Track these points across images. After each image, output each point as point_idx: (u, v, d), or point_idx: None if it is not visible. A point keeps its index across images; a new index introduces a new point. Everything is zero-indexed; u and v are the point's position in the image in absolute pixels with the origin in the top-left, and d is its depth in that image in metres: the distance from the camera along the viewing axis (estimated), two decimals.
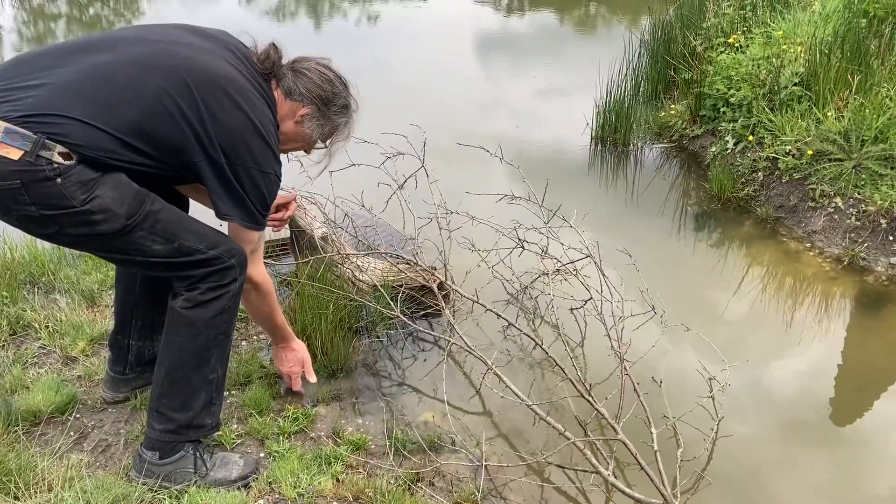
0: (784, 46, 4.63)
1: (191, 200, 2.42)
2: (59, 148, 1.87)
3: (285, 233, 3.39)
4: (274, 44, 2.19)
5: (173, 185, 2.30)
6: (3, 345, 2.85)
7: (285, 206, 2.65)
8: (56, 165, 1.86)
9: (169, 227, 2.03)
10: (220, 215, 2.09)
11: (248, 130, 2.02)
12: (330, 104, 2.21)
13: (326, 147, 2.32)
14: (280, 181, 2.15)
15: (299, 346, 2.63)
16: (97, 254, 2.27)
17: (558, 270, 3.28)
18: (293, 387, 2.68)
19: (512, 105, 5.84)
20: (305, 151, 2.36)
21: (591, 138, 5.05)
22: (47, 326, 2.94)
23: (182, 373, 2.16)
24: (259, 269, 2.26)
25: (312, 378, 2.68)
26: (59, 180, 1.87)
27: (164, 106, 1.94)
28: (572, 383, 2.56)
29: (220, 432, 2.44)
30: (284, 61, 2.21)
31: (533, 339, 2.78)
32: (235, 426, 2.53)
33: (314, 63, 2.24)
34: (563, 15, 8.85)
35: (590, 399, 2.46)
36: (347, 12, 9.03)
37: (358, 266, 3.15)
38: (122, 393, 2.58)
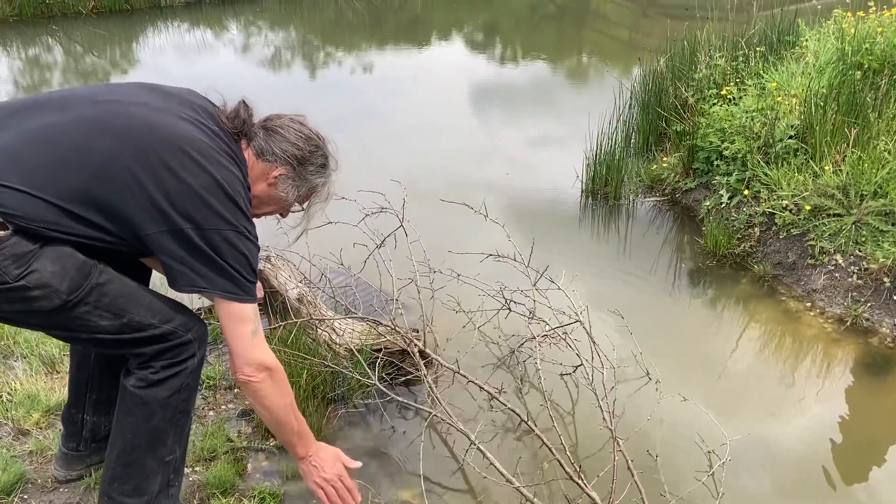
0: (778, 99, 4.54)
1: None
2: None
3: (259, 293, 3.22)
4: (244, 101, 2.04)
5: (133, 259, 2.10)
6: None
7: None
8: None
9: (117, 301, 1.86)
10: (193, 289, 1.87)
11: (214, 190, 1.84)
12: (306, 164, 2.05)
13: (304, 209, 2.16)
14: (258, 243, 1.96)
15: (324, 445, 2.17)
16: (40, 330, 2.09)
17: (546, 335, 3.11)
18: (353, 493, 2.15)
19: (502, 156, 5.73)
20: (281, 215, 2.19)
21: (582, 191, 4.93)
22: (0, 396, 2.75)
23: (135, 456, 1.98)
24: (267, 354, 1.95)
25: (356, 464, 2.21)
26: None
27: (114, 171, 1.77)
28: (561, 465, 2.37)
29: None
30: (256, 119, 2.06)
31: (519, 416, 2.60)
32: None
33: (287, 120, 2.08)
34: (556, 65, 8.83)
35: (580, 483, 2.27)
36: (342, 62, 9.01)
37: (334, 329, 2.98)
38: (75, 471, 2.38)
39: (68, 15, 9.91)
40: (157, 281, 2.19)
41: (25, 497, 2.34)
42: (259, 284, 2.66)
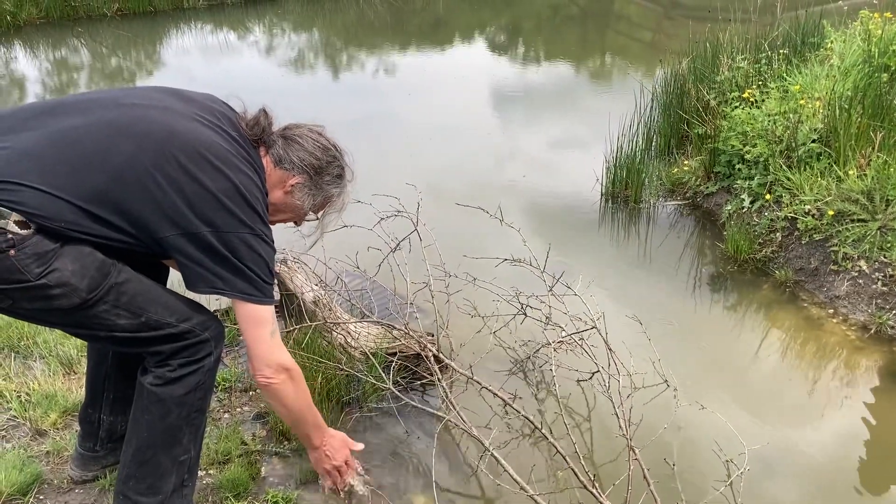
0: (801, 101, 4.47)
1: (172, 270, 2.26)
2: (15, 216, 1.73)
3: (275, 296, 3.22)
4: (264, 109, 2.07)
5: (151, 259, 2.12)
6: None
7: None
8: (10, 236, 1.71)
9: (135, 300, 1.88)
10: (212, 290, 1.89)
11: (232, 195, 1.87)
12: (322, 173, 2.09)
13: (318, 218, 2.19)
14: (274, 246, 1.99)
15: (335, 432, 2.34)
16: (59, 328, 2.12)
17: (562, 341, 3.08)
18: (340, 484, 2.36)
19: (521, 158, 5.71)
20: (295, 223, 2.22)
21: (602, 194, 4.89)
22: (19, 396, 2.77)
23: (151, 454, 2.00)
24: (285, 355, 2.01)
25: (359, 446, 2.40)
26: (12, 252, 1.72)
27: (134, 174, 1.80)
28: (575, 474, 2.34)
29: None
30: (275, 127, 2.10)
31: (533, 423, 2.58)
32: None
33: (306, 130, 2.12)
34: (579, 66, 8.79)
35: (594, 492, 2.24)
36: (363, 64, 9.03)
37: (349, 332, 2.97)
38: (91, 471, 2.39)
39: (93, 17, 10.02)
40: (176, 281, 2.19)
41: (41, 497, 2.35)
42: (275, 286, 2.67)
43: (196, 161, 1.84)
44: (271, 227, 2.04)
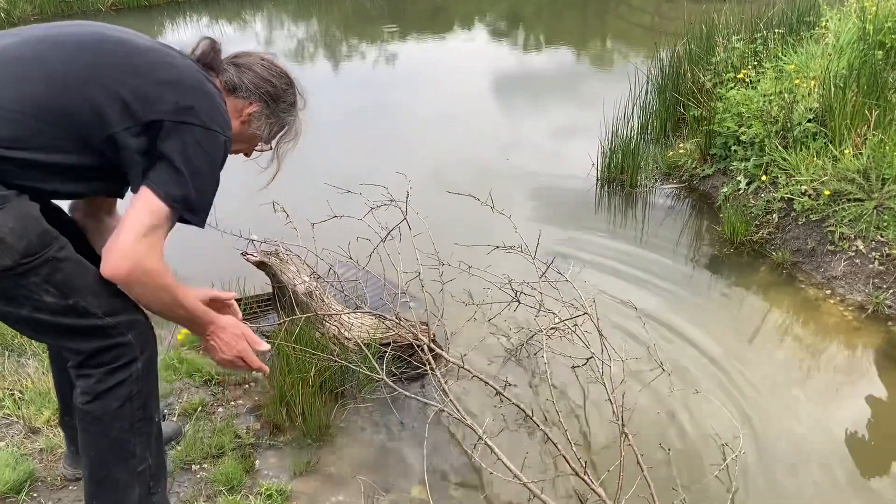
0: (797, 81, 4.43)
1: None
2: None
3: (268, 288, 3.21)
4: (211, 38, 1.94)
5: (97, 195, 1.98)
6: None
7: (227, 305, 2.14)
8: None
9: (69, 280, 1.73)
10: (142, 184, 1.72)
11: (190, 86, 1.77)
12: (279, 101, 1.99)
13: (271, 148, 2.07)
14: (229, 145, 1.84)
15: (229, 321, 2.00)
16: None
17: (555, 328, 3.06)
18: (254, 367, 2.05)
19: (517, 144, 5.68)
20: (246, 154, 2.09)
21: (597, 179, 4.86)
22: (12, 394, 2.77)
23: (104, 472, 1.89)
24: (151, 258, 1.72)
25: (263, 346, 2.07)
26: None
27: (76, 74, 1.69)
28: (567, 462, 2.33)
29: None
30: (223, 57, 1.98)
31: (524, 412, 2.56)
32: None
33: (258, 57, 2.00)
34: (578, 51, 8.74)
35: (585, 479, 2.23)
36: (365, 53, 8.99)
37: (342, 323, 2.96)
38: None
39: (87, 12, 10.01)
40: None
41: (35, 495, 2.35)
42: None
43: (148, 58, 1.76)
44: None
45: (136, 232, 1.70)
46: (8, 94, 1.66)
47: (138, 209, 1.71)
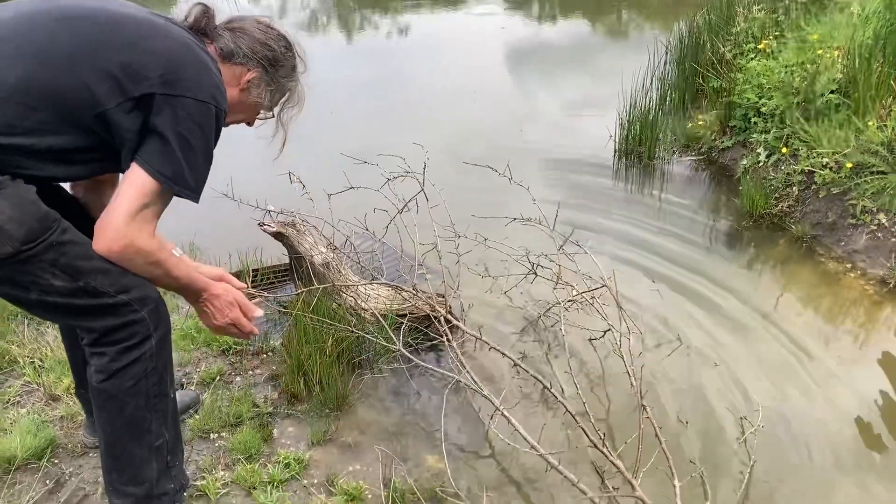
0: (820, 51, 4.35)
1: None
2: None
3: (285, 258, 3.21)
4: (203, 3, 1.85)
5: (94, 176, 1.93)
6: None
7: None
8: None
9: (75, 262, 1.69)
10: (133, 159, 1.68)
11: (180, 56, 1.70)
12: (278, 66, 1.90)
13: (273, 116, 2.01)
14: (223, 116, 1.77)
15: (223, 288, 1.96)
16: None
17: (572, 300, 3.04)
18: (246, 331, 2.02)
19: (534, 117, 5.63)
20: (248, 123, 2.03)
21: (615, 151, 4.81)
22: (32, 362, 2.79)
23: (121, 448, 1.89)
24: (142, 236, 1.70)
25: (258, 312, 2.04)
26: None
27: (59, 51, 1.62)
28: (585, 433, 2.32)
29: (205, 481, 2.27)
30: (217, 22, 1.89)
31: (542, 383, 2.55)
32: (222, 473, 2.34)
33: (253, 21, 1.91)
34: (595, 22, 8.62)
35: (603, 451, 2.23)
36: (378, 24, 8.90)
37: (358, 294, 2.96)
38: None
39: None
40: None
41: (56, 461, 2.37)
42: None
43: (140, 28, 1.70)
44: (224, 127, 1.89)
45: (126, 211, 1.67)
46: None
47: (129, 187, 1.68)
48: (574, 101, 5.89)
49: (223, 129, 1.89)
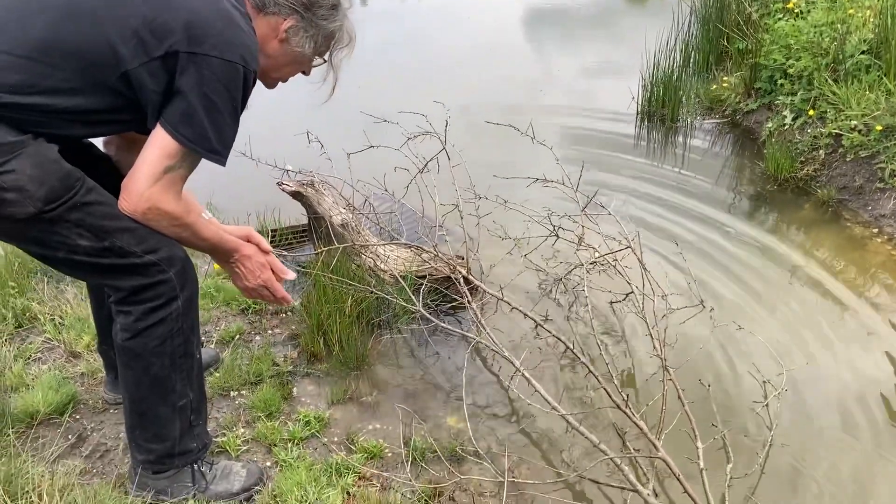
0: (850, 11, 4.24)
1: None
2: None
3: (303, 219, 3.19)
4: None
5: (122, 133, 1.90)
6: (9, 338, 2.71)
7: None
8: None
9: (101, 222, 1.67)
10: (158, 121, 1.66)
11: (206, 11, 1.63)
12: (314, 7, 1.81)
13: (326, 61, 1.93)
14: (253, 78, 1.72)
15: (253, 250, 1.95)
16: (12, 242, 1.82)
17: (595, 262, 3.01)
18: (279, 296, 2.01)
19: (554, 78, 5.54)
20: (304, 73, 1.94)
21: (637, 113, 4.74)
22: (52, 319, 2.80)
23: (146, 406, 1.89)
24: (167, 199, 1.68)
25: (290, 274, 2.03)
26: None
27: (81, 8, 1.59)
28: (608, 394, 2.30)
29: (225, 437, 2.28)
30: None
31: (564, 343, 2.52)
32: (242, 430, 2.35)
33: None
34: None
35: (626, 412, 2.21)
36: None
37: (377, 255, 2.93)
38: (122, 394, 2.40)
39: None
40: None
41: (77, 417, 2.38)
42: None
43: None
44: (282, 84, 1.88)
45: (148, 173, 1.65)
46: (12, 36, 1.58)
47: (152, 149, 1.65)
48: (595, 62, 5.79)
49: (271, 90, 1.92)
